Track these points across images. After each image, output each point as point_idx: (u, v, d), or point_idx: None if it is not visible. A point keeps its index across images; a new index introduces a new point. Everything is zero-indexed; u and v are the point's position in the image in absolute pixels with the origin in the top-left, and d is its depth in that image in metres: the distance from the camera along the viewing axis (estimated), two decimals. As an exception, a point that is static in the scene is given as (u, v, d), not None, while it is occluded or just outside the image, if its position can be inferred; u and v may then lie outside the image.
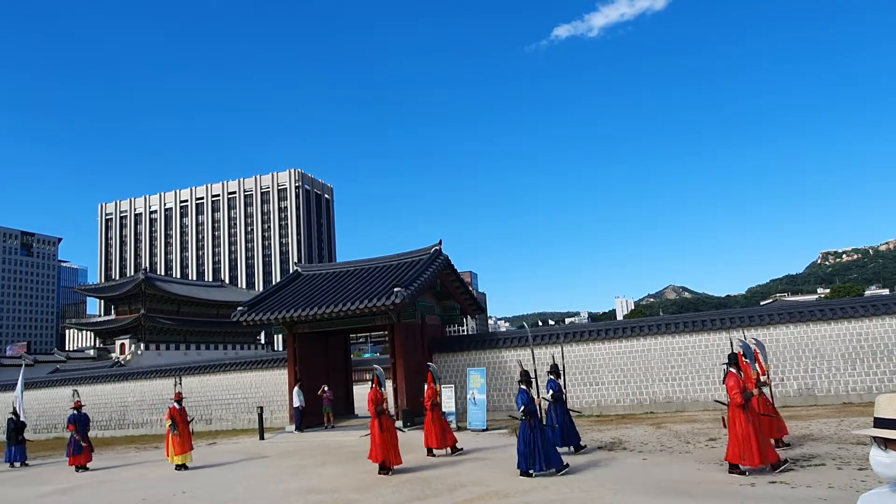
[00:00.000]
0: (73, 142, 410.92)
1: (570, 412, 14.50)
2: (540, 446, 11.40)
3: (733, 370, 10.78)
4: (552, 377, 14.69)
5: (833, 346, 19.95)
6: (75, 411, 18.00)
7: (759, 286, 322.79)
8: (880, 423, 2.22)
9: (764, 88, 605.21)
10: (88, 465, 17.57)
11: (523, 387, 12.13)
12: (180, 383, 18.18)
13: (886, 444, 2.16)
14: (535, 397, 11.89)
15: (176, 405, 16.48)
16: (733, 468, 10.35)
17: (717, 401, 12.55)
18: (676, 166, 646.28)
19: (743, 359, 12.15)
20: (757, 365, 12.92)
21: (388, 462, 12.73)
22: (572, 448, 13.77)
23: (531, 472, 11.31)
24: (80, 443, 17.30)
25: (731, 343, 13.38)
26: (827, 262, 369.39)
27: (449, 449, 15.27)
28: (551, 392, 14.23)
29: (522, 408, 11.79)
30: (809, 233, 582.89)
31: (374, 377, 13.60)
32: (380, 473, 12.60)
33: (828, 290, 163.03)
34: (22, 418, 20.91)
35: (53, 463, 20.24)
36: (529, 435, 11.48)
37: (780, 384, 20.18)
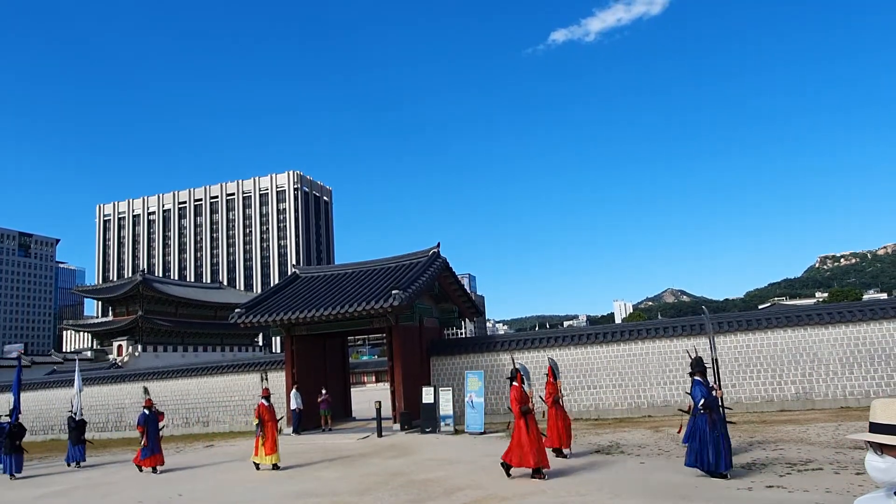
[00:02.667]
0: (71, 143, 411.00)
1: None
2: (723, 444, 10.43)
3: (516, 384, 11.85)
4: (699, 378, 13.09)
5: (831, 351, 19.96)
6: (146, 411, 16.59)
7: (758, 290, 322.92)
8: (876, 428, 2.22)
9: (762, 92, 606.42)
10: (159, 468, 16.19)
11: (697, 378, 11.13)
12: (266, 379, 16.36)
13: (883, 449, 2.16)
14: (717, 388, 10.71)
15: (264, 402, 15.35)
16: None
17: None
18: (675, 170, 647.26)
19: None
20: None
21: (543, 463, 11.46)
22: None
23: (726, 473, 10.30)
24: (153, 443, 16.06)
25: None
26: (825, 267, 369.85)
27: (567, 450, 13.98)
28: (703, 401, 12.83)
29: (702, 401, 10.70)
30: (808, 237, 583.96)
31: (517, 373, 12.46)
32: (533, 477, 11.40)
33: (826, 295, 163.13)
34: (81, 417, 19.94)
35: (117, 463, 18.88)
36: (708, 431, 10.43)
37: (778, 388, 20.20)
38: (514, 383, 12.10)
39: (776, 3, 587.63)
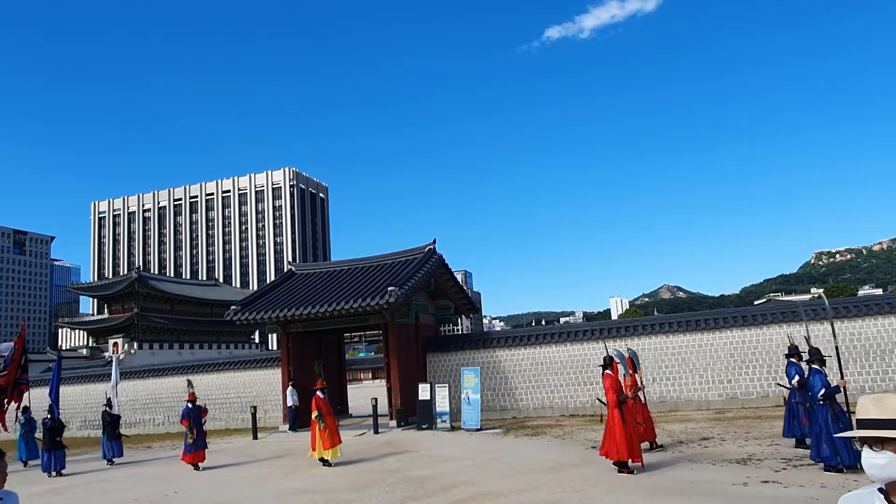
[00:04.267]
0: (66, 140, 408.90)
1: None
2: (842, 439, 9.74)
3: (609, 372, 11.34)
4: (794, 360, 12.58)
5: (825, 346, 19.98)
6: (189, 404, 16.10)
7: (753, 286, 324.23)
8: (870, 423, 2.21)
9: (757, 88, 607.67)
10: (201, 464, 15.69)
11: (815, 366, 10.68)
12: (321, 373, 15.63)
13: (883, 444, 2.16)
14: (841, 379, 10.06)
15: (320, 394, 14.99)
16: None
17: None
18: (670, 166, 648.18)
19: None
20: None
21: (635, 458, 10.87)
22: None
23: (842, 468, 9.68)
24: (197, 438, 15.53)
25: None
26: (820, 262, 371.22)
27: (650, 444, 13.27)
28: (797, 378, 12.15)
29: (822, 391, 10.22)
30: (803, 233, 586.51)
31: (613, 362, 11.64)
32: (620, 472, 10.83)
33: (821, 290, 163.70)
34: (116, 411, 19.63)
35: (161, 460, 18.65)
36: (831, 424, 9.95)
37: (773, 383, 20.26)
38: (608, 371, 11.45)
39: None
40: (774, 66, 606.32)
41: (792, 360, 12.62)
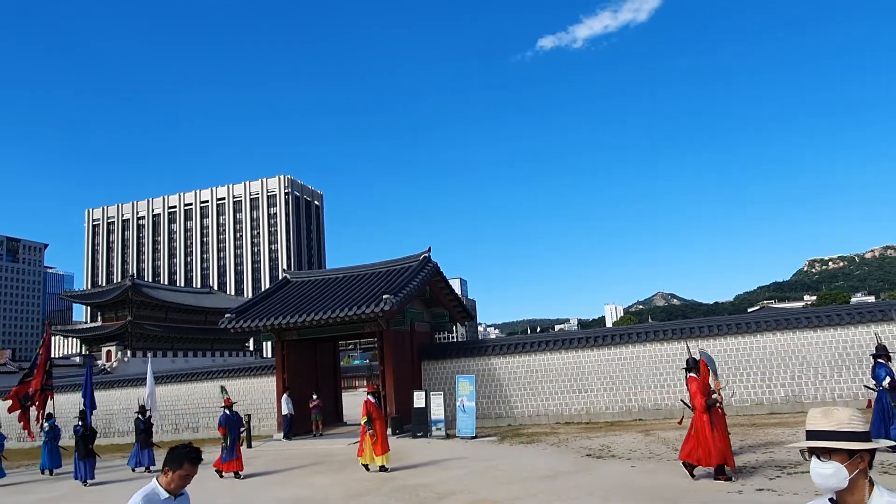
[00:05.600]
0: (60, 146, 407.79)
1: None
2: None
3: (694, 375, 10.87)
4: (882, 361, 12.05)
5: (819, 354, 20.10)
6: (226, 411, 15.54)
7: (747, 293, 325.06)
8: (819, 435, 2.28)
9: (750, 96, 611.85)
10: (241, 472, 15.14)
11: (881, 360, 10.59)
12: (373, 376, 15.68)
13: (831, 454, 2.23)
14: None
15: (371, 398, 14.43)
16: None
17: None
18: (664, 174, 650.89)
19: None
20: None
21: (729, 463, 10.38)
22: None
23: None
24: (233, 447, 15.06)
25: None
26: (813, 270, 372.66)
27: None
28: (887, 379, 11.68)
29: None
30: (796, 240, 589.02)
31: (701, 362, 11.21)
32: (716, 479, 10.32)
33: (814, 298, 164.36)
34: (152, 418, 18.90)
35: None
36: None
37: (768, 391, 20.31)
38: (692, 374, 10.94)
39: (761, 9, 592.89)
40: (767, 73, 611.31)
41: (880, 360, 12.10)
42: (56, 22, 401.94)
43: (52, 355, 23.58)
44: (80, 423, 16.78)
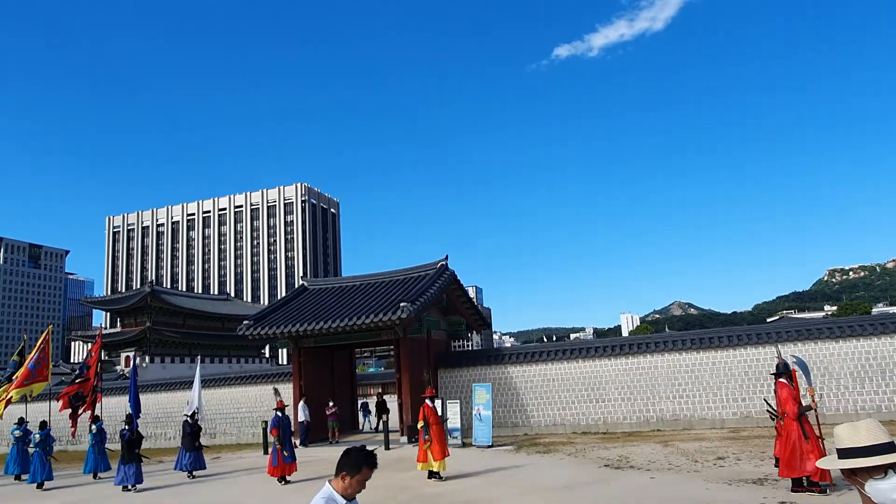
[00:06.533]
0: (81, 154, 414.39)
1: None
2: None
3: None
4: None
5: (841, 365, 19.80)
6: (279, 413, 15.30)
7: (766, 303, 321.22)
8: (862, 451, 2.19)
9: (769, 105, 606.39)
10: (289, 477, 14.94)
11: None
12: (430, 379, 14.74)
13: (885, 471, 2.16)
14: None
15: (429, 403, 14.21)
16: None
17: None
18: (682, 183, 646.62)
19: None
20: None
21: (824, 475, 9.77)
22: None
23: None
24: (284, 451, 14.81)
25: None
26: (834, 280, 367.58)
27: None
28: None
29: None
30: (816, 250, 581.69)
31: (792, 370, 10.74)
32: (794, 490, 9.83)
33: (835, 308, 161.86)
34: (200, 421, 18.54)
35: (240, 474, 17.56)
36: None
37: None
38: (782, 380, 10.49)
39: (780, 17, 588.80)
40: (787, 82, 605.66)
41: None
42: (76, 25, 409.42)
43: (73, 361, 23.82)
44: (126, 427, 16.54)
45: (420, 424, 13.83)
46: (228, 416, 27.77)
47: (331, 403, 23.55)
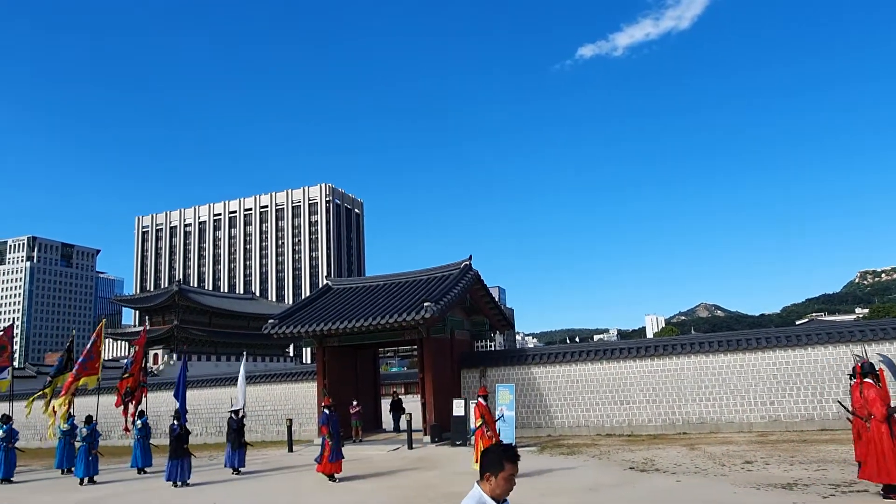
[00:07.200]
0: (112, 155, 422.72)
1: None
2: None
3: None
4: None
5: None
6: (327, 410, 15.08)
7: (795, 305, 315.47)
8: None
9: (798, 107, 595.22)
10: (337, 475, 14.69)
11: None
12: (484, 377, 15.04)
13: None
14: None
15: (483, 401, 13.96)
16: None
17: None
18: (709, 185, 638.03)
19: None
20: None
21: None
22: None
23: None
24: (336, 447, 14.59)
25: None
26: (865, 282, 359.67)
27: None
28: None
29: None
30: (847, 251, 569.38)
31: (879, 370, 10.25)
32: (886, 496, 9.46)
33: (866, 311, 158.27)
34: (244, 417, 18.34)
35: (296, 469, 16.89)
36: None
37: (819, 406, 19.65)
38: (868, 380, 10.00)
39: (813, 15, 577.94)
40: (817, 84, 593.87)
41: None
42: (108, 26, 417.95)
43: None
44: (175, 422, 16.38)
45: (478, 423, 13.64)
46: (254, 413, 28.05)
47: (354, 402, 23.68)
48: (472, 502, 3.31)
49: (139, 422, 19.40)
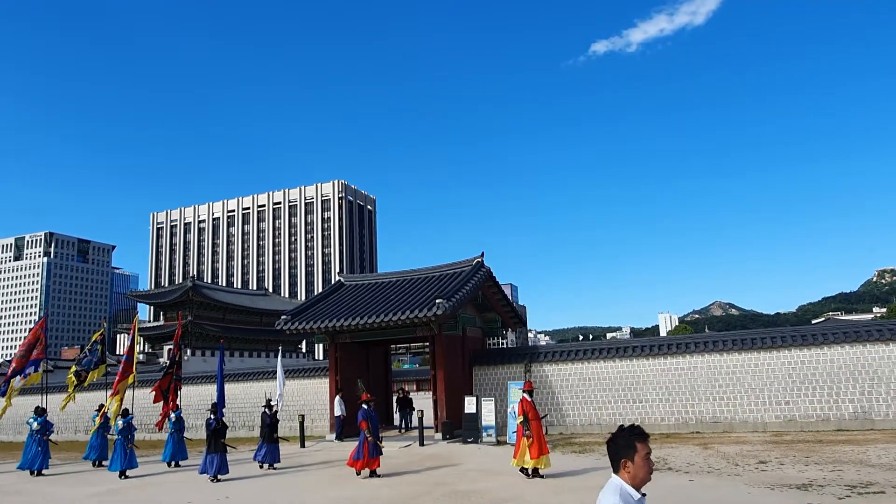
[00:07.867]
0: (127, 151, 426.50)
1: None
2: None
3: None
4: None
5: (892, 369, 19.08)
6: (365, 405, 15.01)
7: (811, 304, 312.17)
8: None
9: (815, 103, 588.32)
10: (378, 470, 14.45)
11: None
12: (530, 371, 14.51)
13: None
14: None
15: (527, 396, 13.68)
16: None
17: None
18: (723, 182, 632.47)
19: None
20: None
21: None
22: None
23: None
24: (375, 443, 14.41)
25: None
26: (883, 281, 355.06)
27: None
28: None
29: None
30: (864, 250, 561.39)
31: None
32: None
33: (884, 310, 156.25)
34: (278, 413, 18.21)
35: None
36: None
37: (835, 407, 19.42)
38: None
39: (823, 12, 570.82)
40: (834, 80, 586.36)
41: None
42: (124, 23, 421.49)
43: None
44: (212, 416, 16.27)
45: (520, 420, 13.21)
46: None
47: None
48: (613, 495, 3.11)
49: (173, 415, 19.59)
